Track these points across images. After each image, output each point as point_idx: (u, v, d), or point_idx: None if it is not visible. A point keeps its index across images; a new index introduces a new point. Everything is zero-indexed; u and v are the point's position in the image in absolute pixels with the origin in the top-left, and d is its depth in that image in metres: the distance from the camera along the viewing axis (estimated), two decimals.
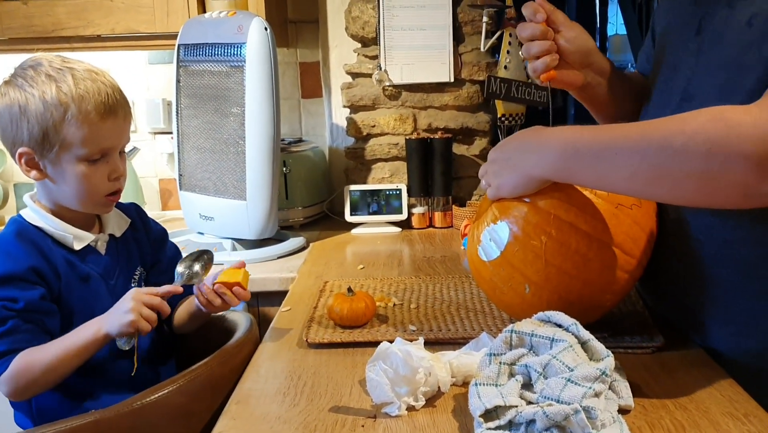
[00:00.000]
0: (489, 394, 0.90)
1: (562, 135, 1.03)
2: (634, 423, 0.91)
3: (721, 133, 0.87)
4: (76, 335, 1.17)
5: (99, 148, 1.22)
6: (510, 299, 1.15)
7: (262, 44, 1.76)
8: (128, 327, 1.16)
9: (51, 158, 1.20)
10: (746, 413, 0.93)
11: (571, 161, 1.01)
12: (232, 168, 1.85)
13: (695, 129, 0.88)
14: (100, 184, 1.24)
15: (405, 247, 1.97)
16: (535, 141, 1.06)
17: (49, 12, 1.95)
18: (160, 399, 1.10)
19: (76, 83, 1.19)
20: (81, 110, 1.18)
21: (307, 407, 1.01)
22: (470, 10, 2.16)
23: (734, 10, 1.03)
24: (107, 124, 1.21)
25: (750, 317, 1.06)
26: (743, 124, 0.86)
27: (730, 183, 0.88)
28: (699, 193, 0.93)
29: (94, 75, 1.22)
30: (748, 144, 0.85)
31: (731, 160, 0.86)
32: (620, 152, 0.95)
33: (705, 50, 1.07)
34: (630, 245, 1.09)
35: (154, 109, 2.38)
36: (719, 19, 1.05)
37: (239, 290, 1.26)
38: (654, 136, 0.92)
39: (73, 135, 1.19)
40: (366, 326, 1.29)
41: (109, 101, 1.21)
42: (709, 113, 0.90)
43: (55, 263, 1.22)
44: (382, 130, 2.23)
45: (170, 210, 2.46)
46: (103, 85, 1.21)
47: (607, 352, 0.92)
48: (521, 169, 1.07)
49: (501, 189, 1.11)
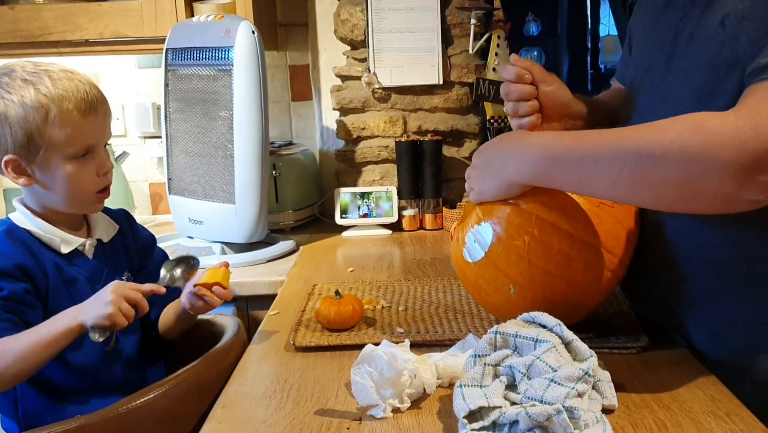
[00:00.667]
0: (473, 395, 0.90)
1: (542, 141, 1.04)
2: (618, 423, 0.91)
3: (700, 143, 0.87)
4: (50, 324, 1.15)
5: (84, 145, 1.22)
6: (495, 300, 1.16)
7: (249, 47, 1.76)
8: (105, 319, 1.13)
9: (38, 162, 1.21)
10: (728, 412, 0.93)
11: (551, 167, 1.02)
12: (220, 171, 1.85)
13: (673, 139, 0.89)
14: (89, 181, 1.25)
15: (396, 249, 1.97)
16: (515, 146, 1.07)
17: (35, 16, 1.94)
18: (146, 403, 1.10)
19: (54, 84, 1.19)
20: (62, 110, 1.18)
21: (293, 411, 1.01)
22: (459, 13, 2.16)
23: (707, 12, 1.03)
24: (89, 121, 1.22)
25: (727, 318, 1.07)
26: (721, 133, 0.87)
27: (710, 191, 0.89)
28: (679, 201, 0.94)
29: (70, 74, 1.22)
30: (726, 154, 0.86)
31: (710, 169, 0.87)
32: (600, 160, 0.96)
33: (680, 52, 1.08)
34: (612, 244, 1.09)
35: (143, 113, 2.37)
36: (693, 22, 1.06)
37: (219, 289, 1.26)
38: (632, 144, 0.93)
39: (58, 135, 1.19)
40: (353, 329, 1.29)
41: (89, 98, 1.21)
42: (688, 122, 0.90)
43: (44, 264, 1.22)
44: (372, 133, 2.23)
45: (160, 214, 2.46)
46: (80, 83, 1.22)
47: (591, 352, 0.93)
48: (502, 175, 1.09)
49: (483, 194, 1.12)
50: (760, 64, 0.91)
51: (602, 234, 1.08)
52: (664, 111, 1.07)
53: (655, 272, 1.15)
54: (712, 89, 1.00)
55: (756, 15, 0.94)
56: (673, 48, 1.09)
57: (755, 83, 0.91)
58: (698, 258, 1.07)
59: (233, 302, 1.74)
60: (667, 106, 1.07)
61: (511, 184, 1.08)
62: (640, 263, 1.16)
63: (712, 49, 1.00)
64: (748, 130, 0.86)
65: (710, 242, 1.05)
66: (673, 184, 0.91)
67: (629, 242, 1.12)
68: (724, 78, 0.98)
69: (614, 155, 0.94)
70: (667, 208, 1.03)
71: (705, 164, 0.87)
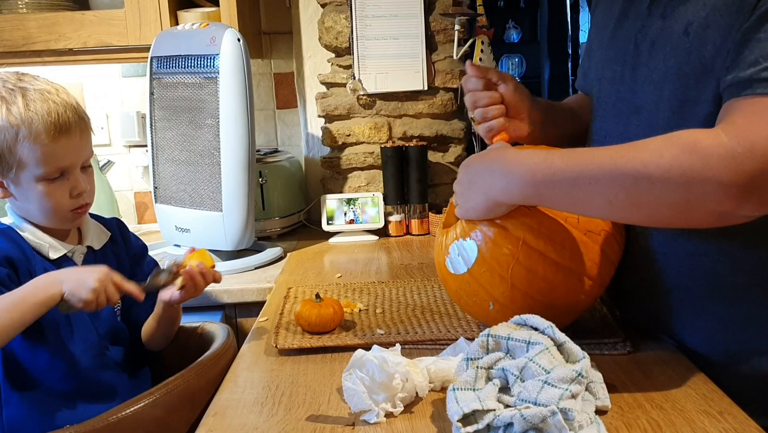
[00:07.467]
0: (467, 398, 0.90)
1: (531, 161, 1.02)
2: (611, 424, 0.92)
3: (696, 166, 0.88)
4: (31, 289, 1.14)
5: (56, 167, 1.21)
6: (474, 311, 1.18)
7: (235, 55, 1.75)
8: (80, 302, 1.13)
9: (11, 178, 1.21)
10: (721, 410, 0.94)
11: (542, 189, 1.00)
12: (207, 179, 1.84)
13: (672, 162, 0.89)
14: (62, 201, 1.24)
15: (382, 255, 1.97)
16: (502, 165, 1.05)
17: (19, 26, 1.92)
18: (135, 413, 1.09)
19: (26, 105, 1.18)
20: (31, 132, 1.18)
21: (285, 417, 1.00)
22: (442, 19, 2.17)
23: (668, 21, 1.04)
24: (60, 144, 1.20)
25: (721, 322, 1.07)
26: (717, 155, 0.87)
27: (708, 210, 0.90)
28: (676, 219, 0.95)
29: (47, 95, 1.20)
30: (724, 175, 0.87)
31: (708, 191, 0.88)
32: (595, 182, 0.95)
33: (644, 62, 1.08)
34: (595, 272, 1.09)
35: (128, 122, 2.36)
36: (654, 31, 1.07)
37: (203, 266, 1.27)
38: (631, 167, 0.92)
39: (28, 156, 1.19)
40: (333, 332, 1.29)
41: (60, 121, 1.20)
42: (681, 142, 0.90)
43: (34, 266, 1.22)
44: (357, 139, 2.24)
45: (146, 223, 2.44)
46: (54, 105, 1.20)
47: (583, 354, 0.93)
48: (488, 194, 1.07)
49: (469, 212, 1.11)
50: (739, 78, 0.91)
51: (587, 262, 1.08)
52: (637, 122, 1.08)
53: (643, 279, 1.15)
54: (685, 98, 1.01)
55: (718, 23, 0.95)
56: (636, 59, 1.10)
57: (739, 98, 0.91)
58: (689, 267, 1.08)
59: (222, 309, 1.73)
60: (641, 118, 1.08)
61: (497, 204, 1.07)
62: (630, 273, 1.16)
63: (678, 58, 1.01)
64: (742, 151, 0.86)
65: (700, 250, 1.06)
66: (671, 205, 0.91)
67: (612, 269, 1.13)
68: (696, 87, 0.99)
69: (610, 178, 0.94)
70: (664, 226, 1.04)
71: (703, 186, 0.88)
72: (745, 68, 0.91)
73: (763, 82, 0.89)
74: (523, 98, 1.25)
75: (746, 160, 0.86)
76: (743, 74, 0.91)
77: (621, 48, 1.14)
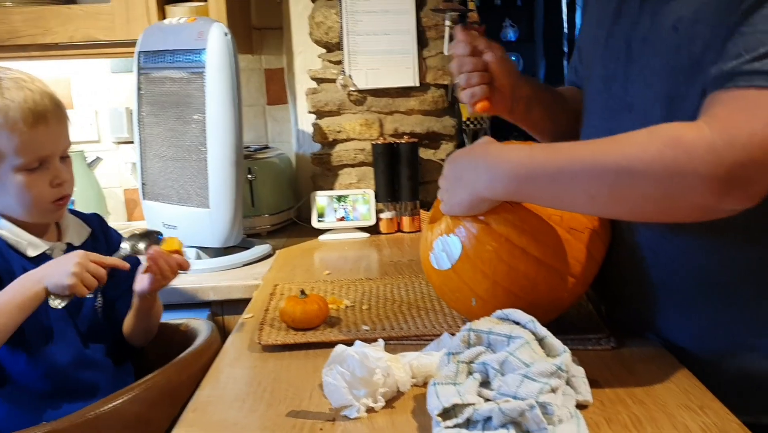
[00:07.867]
0: (447, 393, 0.89)
1: (515, 156, 1.01)
2: (592, 418, 0.91)
3: (681, 160, 0.87)
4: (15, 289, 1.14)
5: (35, 156, 1.20)
6: (457, 306, 1.19)
7: (222, 50, 1.74)
8: (65, 289, 1.13)
9: None
10: (702, 405, 0.93)
11: (524, 185, 1.00)
12: (194, 176, 1.83)
13: (654, 156, 0.89)
14: (43, 192, 1.22)
15: (373, 252, 1.96)
16: (486, 161, 1.04)
17: (4, 20, 1.91)
18: (115, 408, 1.08)
19: (1, 93, 1.17)
20: (8, 120, 1.16)
21: (265, 413, 0.99)
22: (433, 15, 2.16)
23: (658, 17, 1.04)
24: (39, 132, 1.19)
25: (710, 322, 1.06)
26: (699, 147, 0.87)
27: (690, 204, 0.90)
28: (658, 213, 0.95)
29: (21, 83, 1.19)
30: (706, 168, 0.86)
31: (691, 184, 0.88)
32: (578, 176, 0.95)
33: (635, 59, 1.08)
34: (578, 270, 1.09)
35: (117, 118, 2.35)
36: (644, 29, 1.06)
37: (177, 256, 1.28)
38: (612, 161, 0.92)
39: (6, 146, 1.17)
40: (318, 328, 1.28)
41: (38, 108, 1.19)
42: (664, 136, 0.90)
43: (12, 266, 1.21)
44: (348, 136, 2.22)
45: (136, 221, 2.43)
46: (29, 92, 1.19)
47: (564, 348, 0.92)
48: (473, 190, 1.06)
49: (453, 208, 1.10)
50: (722, 70, 0.91)
51: (570, 260, 1.08)
52: (629, 119, 1.07)
53: (633, 279, 1.14)
54: (675, 94, 1.00)
55: (706, 18, 0.95)
56: (628, 56, 1.09)
57: (721, 91, 0.90)
58: (676, 265, 1.07)
59: (208, 307, 1.72)
60: (633, 115, 1.07)
61: (482, 200, 1.06)
62: (617, 270, 1.15)
63: (668, 54, 1.00)
64: (722, 144, 0.86)
65: (688, 248, 1.05)
66: (654, 199, 0.91)
67: (595, 267, 1.12)
68: (685, 82, 0.98)
69: (592, 172, 0.93)
70: (646, 220, 1.03)
71: (685, 180, 0.88)
72: (728, 61, 0.90)
73: (744, 75, 0.88)
74: (510, 71, 1.24)
75: (727, 153, 0.85)
76: (726, 67, 0.90)
77: (615, 47, 1.13)
